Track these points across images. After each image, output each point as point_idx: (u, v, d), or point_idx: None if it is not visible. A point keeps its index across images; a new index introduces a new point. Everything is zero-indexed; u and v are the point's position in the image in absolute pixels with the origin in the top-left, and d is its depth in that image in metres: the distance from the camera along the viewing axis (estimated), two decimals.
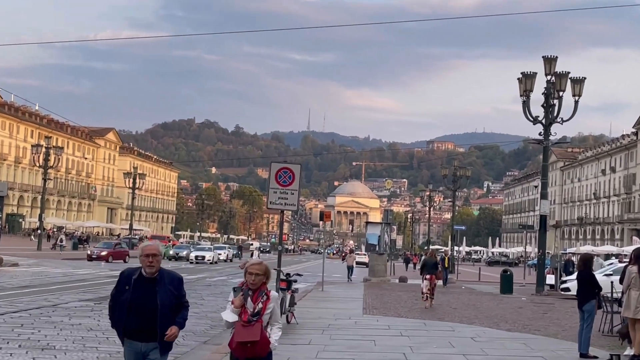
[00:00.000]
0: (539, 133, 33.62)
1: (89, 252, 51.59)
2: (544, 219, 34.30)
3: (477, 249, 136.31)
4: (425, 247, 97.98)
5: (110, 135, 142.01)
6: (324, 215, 32.16)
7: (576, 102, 33.03)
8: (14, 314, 16.86)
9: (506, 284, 32.95)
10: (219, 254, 61.65)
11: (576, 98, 33.03)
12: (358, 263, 76.02)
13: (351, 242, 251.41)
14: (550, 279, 35.55)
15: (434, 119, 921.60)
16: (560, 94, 32.87)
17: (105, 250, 50.71)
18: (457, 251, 69.93)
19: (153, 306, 6.26)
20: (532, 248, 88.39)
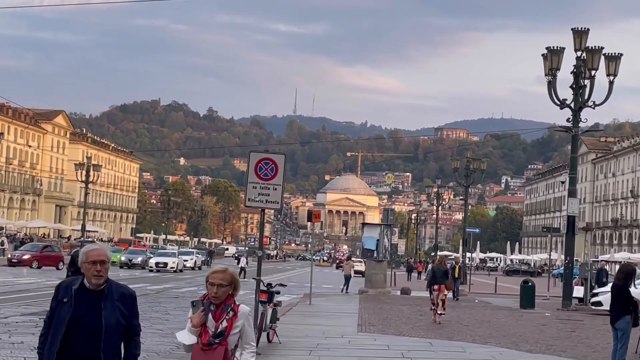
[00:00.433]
0: (567, 119, 33.68)
1: (9, 256, 50.97)
2: (572, 220, 34.41)
3: (494, 255, 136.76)
4: (432, 254, 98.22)
5: (59, 119, 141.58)
6: (312, 215, 32.06)
7: (611, 83, 33.10)
8: None
9: (527, 297, 33.05)
10: (185, 261, 61.39)
11: (611, 78, 33.09)
12: (354, 272, 76.15)
13: (345, 247, 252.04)
14: (578, 291, 35.67)
15: (443, 102, 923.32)
16: (592, 73, 32.92)
17: (29, 254, 49.80)
18: (470, 258, 70.10)
19: (96, 326, 5.69)
20: (558, 255, 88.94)
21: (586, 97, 33.08)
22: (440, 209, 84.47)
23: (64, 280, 6.14)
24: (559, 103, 33.38)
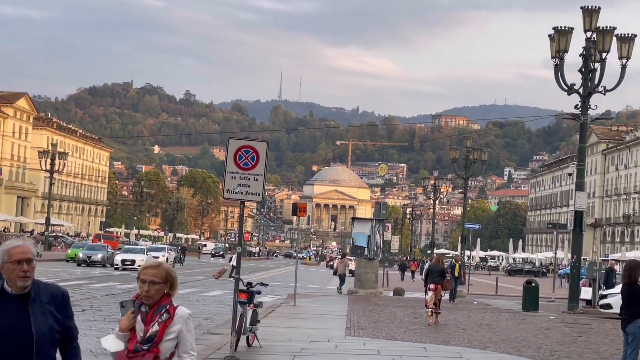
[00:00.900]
0: (575, 106, 33.75)
1: None
2: (580, 216, 34.53)
3: (495, 253, 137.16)
4: (429, 251, 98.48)
5: (21, 103, 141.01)
6: (297, 208, 32.00)
7: (623, 67, 33.18)
8: None
9: (530, 299, 33.16)
10: (156, 258, 60.84)
11: (623, 61, 33.16)
12: None
13: (334, 244, 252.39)
14: (586, 292, 35.81)
15: (442, 86, 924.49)
16: (603, 55, 32.98)
17: None
18: (469, 257, 70.30)
19: (25, 336, 5.25)
20: (565, 253, 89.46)
21: (596, 82, 33.15)
22: (437, 203, 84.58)
23: None
24: (566, 88, 33.45)
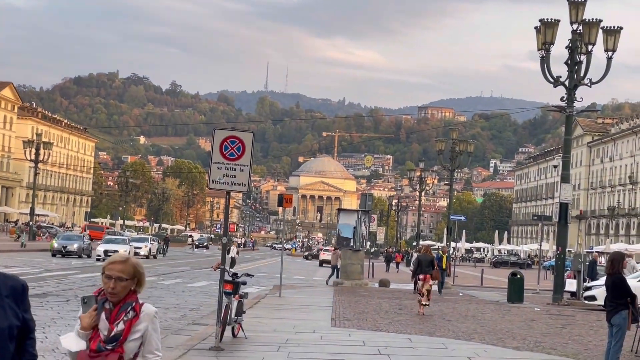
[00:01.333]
0: (561, 98, 33.80)
1: None
2: (565, 208, 34.62)
3: (480, 245, 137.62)
4: (414, 243, 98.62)
5: (6, 92, 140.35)
6: (283, 199, 31.98)
7: (609, 60, 33.23)
8: None
9: (515, 291, 33.26)
10: (138, 248, 60.23)
11: (609, 54, 33.21)
12: (325, 262, 76.37)
13: (319, 235, 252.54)
14: (571, 284, 35.93)
15: (428, 78, 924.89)
16: (589, 48, 33.02)
17: None
18: (455, 248, 70.44)
19: None
20: (550, 245, 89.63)
21: (582, 75, 33.20)
22: (423, 194, 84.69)
23: None
24: (552, 80, 33.49)
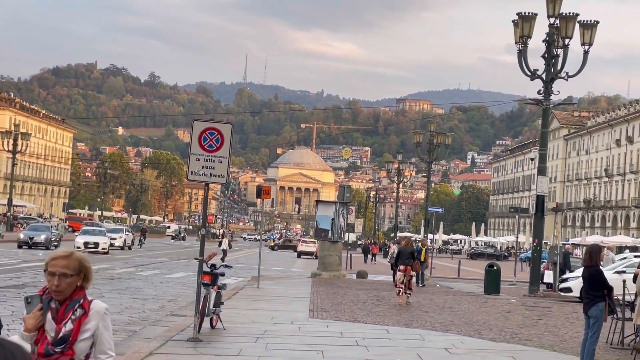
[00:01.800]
0: (538, 91, 33.92)
1: None
2: (541, 200, 34.77)
3: (457, 237, 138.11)
4: (392, 235, 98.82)
5: None
6: (262, 190, 31.99)
7: (585, 53, 33.36)
8: None
9: (492, 282, 33.40)
10: (113, 239, 59.27)
11: (586, 47, 33.34)
12: (303, 253, 76.58)
13: (298, 227, 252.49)
14: (548, 276, 36.10)
15: (407, 71, 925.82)
16: (566, 41, 33.11)
17: None
18: (432, 240, 70.58)
19: None
20: (526, 237, 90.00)
21: (559, 68, 33.31)
22: (401, 186, 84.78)
23: None
24: (529, 74, 33.58)
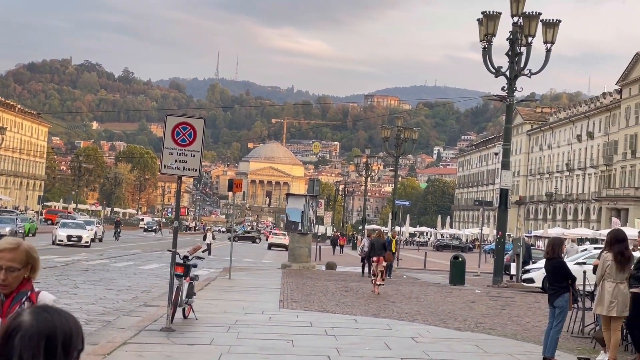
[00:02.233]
0: (502, 88, 34.06)
1: None
2: (505, 193, 34.94)
3: (424, 229, 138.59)
4: (360, 227, 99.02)
5: None
6: (233, 184, 31.93)
7: (548, 51, 33.53)
8: None
9: (457, 273, 33.56)
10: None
11: (548, 46, 33.51)
12: (274, 245, 76.36)
13: (269, 219, 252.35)
14: (514, 268, 36.28)
15: (375, 67, 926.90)
16: (529, 40, 33.29)
17: None
18: (399, 232, 70.81)
19: None
20: (490, 229, 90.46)
21: (522, 65, 33.49)
22: (369, 180, 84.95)
23: None
24: (494, 71, 33.73)
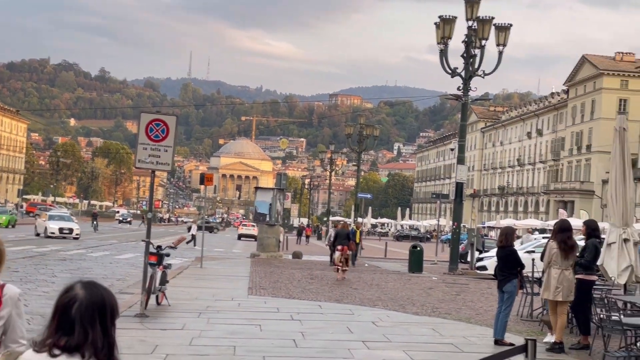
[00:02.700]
0: (458, 88, 34.29)
1: None
2: (460, 187, 35.19)
3: (385, 221, 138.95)
4: (325, 219, 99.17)
5: None
6: (205, 177, 31.92)
7: (500, 53, 33.77)
8: None
9: (415, 262, 33.72)
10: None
11: (500, 48, 33.75)
12: (244, 235, 75.85)
13: (241, 212, 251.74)
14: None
15: (339, 68, 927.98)
16: (483, 42, 33.50)
17: None
18: (362, 223, 71.00)
19: None
20: (447, 221, 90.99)
21: (476, 67, 33.72)
22: (333, 174, 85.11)
23: None
24: (450, 72, 33.94)
